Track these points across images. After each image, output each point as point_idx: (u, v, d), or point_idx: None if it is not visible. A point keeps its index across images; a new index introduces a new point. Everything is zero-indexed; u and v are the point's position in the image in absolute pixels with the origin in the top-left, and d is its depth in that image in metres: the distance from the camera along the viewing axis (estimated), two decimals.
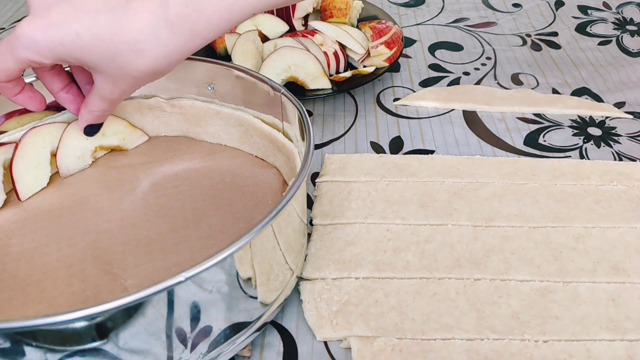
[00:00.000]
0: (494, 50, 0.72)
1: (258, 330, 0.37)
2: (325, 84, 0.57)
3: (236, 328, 0.35)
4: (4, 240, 0.42)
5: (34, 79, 0.47)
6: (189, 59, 0.49)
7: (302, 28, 0.66)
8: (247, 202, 0.45)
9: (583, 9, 0.81)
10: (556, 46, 0.73)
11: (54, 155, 0.47)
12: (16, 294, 0.38)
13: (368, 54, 0.63)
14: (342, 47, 0.62)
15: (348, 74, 0.60)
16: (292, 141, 0.45)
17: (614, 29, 0.76)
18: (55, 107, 0.48)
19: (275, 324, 0.41)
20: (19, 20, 0.78)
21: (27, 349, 0.29)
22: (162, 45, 0.37)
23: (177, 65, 0.39)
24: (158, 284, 0.29)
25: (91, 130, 0.46)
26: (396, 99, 0.63)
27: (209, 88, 0.50)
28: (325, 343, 0.39)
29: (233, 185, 0.47)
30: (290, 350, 0.39)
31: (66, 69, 0.44)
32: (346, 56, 0.62)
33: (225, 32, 0.39)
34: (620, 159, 0.54)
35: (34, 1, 0.37)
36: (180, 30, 0.37)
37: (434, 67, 0.68)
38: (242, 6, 0.37)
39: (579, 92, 0.64)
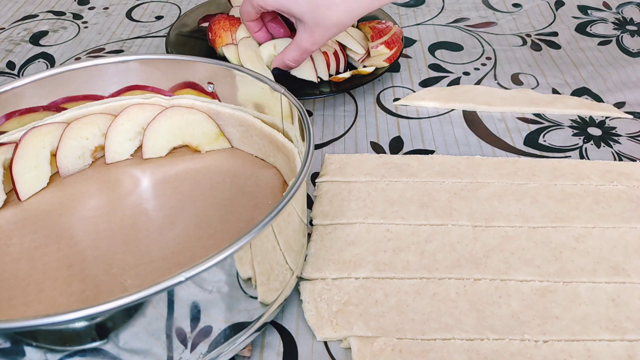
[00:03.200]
0: (494, 50, 0.72)
1: (258, 330, 0.37)
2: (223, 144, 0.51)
3: (236, 328, 0.35)
4: (4, 240, 0.42)
5: (38, 78, 0.47)
6: (189, 59, 0.49)
7: None
8: (247, 202, 0.45)
9: (583, 9, 0.81)
10: (556, 46, 0.73)
11: (54, 155, 0.47)
12: (16, 294, 0.38)
13: (368, 54, 0.63)
14: (342, 47, 0.62)
15: (347, 74, 0.60)
16: (292, 141, 0.45)
17: (614, 29, 0.76)
18: (55, 108, 0.48)
19: (275, 324, 0.41)
20: (19, 20, 0.78)
21: (27, 349, 0.29)
22: (351, 2, 0.50)
23: (356, 19, 0.53)
24: (158, 284, 0.29)
25: (274, 71, 0.58)
26: (396, 99, 0.63)
27: (209, 88, 0.50)
28: (325, 343, 0.39)
29: (233, 185, 0.47)
30: (290, 350, 0.39)
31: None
32: (346, 56, 0.62)
33: None
34: (620, 159, 0.54)
35: None
36: None
37: (434, 67, 0.68)
38: None
39: (579, 92, 0.64)
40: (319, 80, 0.59)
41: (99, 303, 0.27)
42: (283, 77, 0.60)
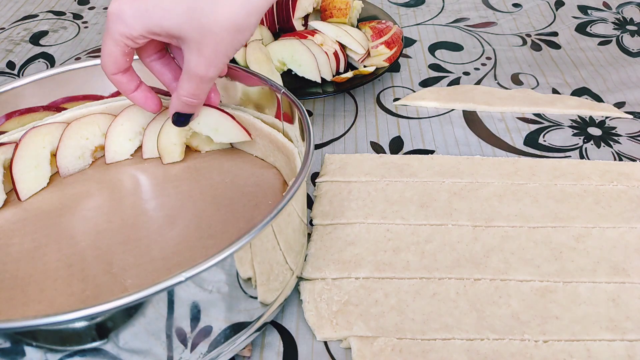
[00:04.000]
0: (494, 50, 0.72)
1: (258, 330, 0.37)
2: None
3: (236, 328, 0.35)
4: (4, 240, 0.42)
5: (38, 78, 0.47)
6: None
7: (302, 28, 0.66)
8: (247, 202, 0.45)
9: (583, 9, 0.81)
10: (556, 46, 0.73)
11: (54, 155, 0.47)
12: (16, 294, 0.38)
13: (368, 54, 0.63)
14: (342, 47, 0.62)
15: (350, 74, 0.60)
16: (292, 141, 0.45)
17: (614, 29, 0.76)
18: (55, 108, 0.48)
19: (275, 324, 0.41)
20: (19, 20, 0.78)
21: (27, 349, 0.29)
22: None
23: (257, 19, 0.37)
24: (158, 284, 0.29)
25: (179, 119, 0.43)
26: (396, 99, 0.63)
27: None
28: (325, 343, 0.39)
29: (233, 185, 0.47)
30: (290, 350, 0.39)
31: None
32: (346, 56, 0.62)
33: None
34: (620, 159, 0.54)
35: None
36: None
37: (434, 67, 0.68)
38: None
39: (579, 92, 0.64)
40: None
41: (99, 303, 0.27)
42: (285, 76, 0.60)
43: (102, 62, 0.40)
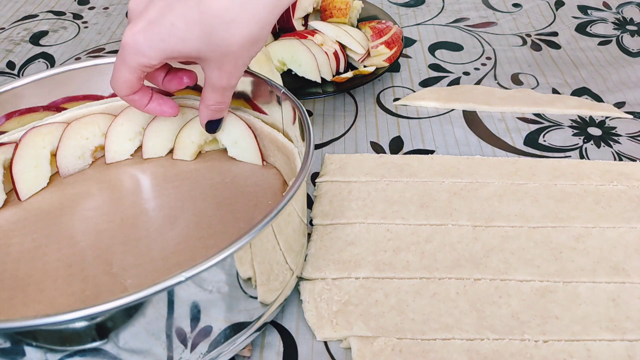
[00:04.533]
0: (494, 50, 0.72)
1: (258, 330, 0.37)
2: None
3: (236, 328, 0.35)
4: (4, 240, 0.42)
5: (38, 78, 0.47)
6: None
7: (302, 28, 0.66)
8: (247, 202, 0.45)
9: (583, 9, 0.81)
10: (556, 46, 0.73)
11: (54, 155, 0.47)
12: (16, 294, 0.38)
13: (368, 54, 0.63)
14: (342, 47, 0.62)
15: (350, 74, 0.60)
16: (292, 141, 0.45)
17: (614, 29, 0.76)
18: (55, 108, 0.48)
19: (275, 324, 0.41)
20: (19, 20, 0.78)
21: (27, 349, 0.29)
22: (250, 7, 0.36)
23: (269, 29, 0.38)
24: (158, 284, 0.29)
25: (211, 126, 0.44)
26: (396, 99, 0.63)
27: None
28: (325, 343, 0.39)
29: (233, 185, 0.47)
30: (290, 350, 0.39)
31: None
32: (346, 56, 0.62)
33: None
34: (620, 159, 0.54)
35: (131, 6, 0.38)
36: None
37: (434, 67, 0.68)
38: None
39: (579, 92, 0.64)
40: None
41: (99, 303, 0.27)
42: (285, 76, 0.60)
43: (116, 87, 0.40)
